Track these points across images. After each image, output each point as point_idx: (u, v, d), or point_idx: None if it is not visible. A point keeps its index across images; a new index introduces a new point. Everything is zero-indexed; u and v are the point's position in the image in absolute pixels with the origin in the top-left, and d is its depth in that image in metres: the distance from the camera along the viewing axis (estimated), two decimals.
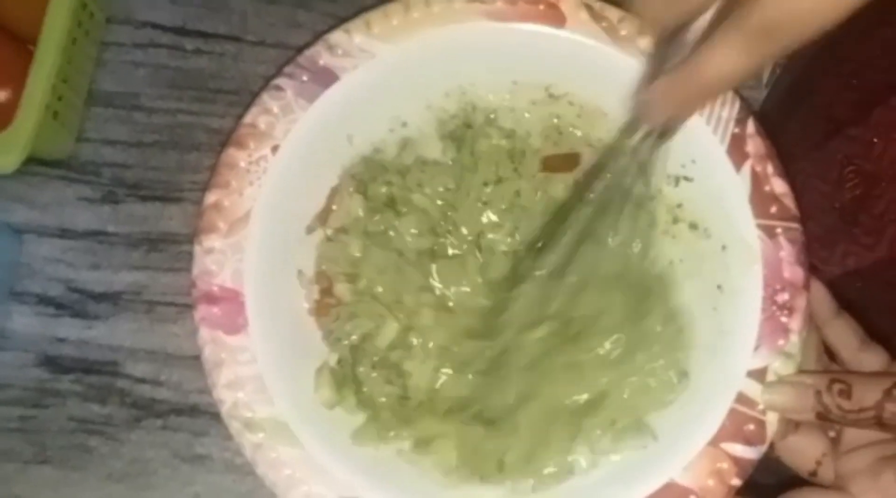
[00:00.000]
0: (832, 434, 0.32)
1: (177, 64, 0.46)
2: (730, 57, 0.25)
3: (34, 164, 0.42)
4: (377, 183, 0.36)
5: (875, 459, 0.30)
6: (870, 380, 0.29)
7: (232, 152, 0.33)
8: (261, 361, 0.31)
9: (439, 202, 0.37)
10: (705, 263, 0.34)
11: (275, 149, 0.33)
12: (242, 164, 0.33)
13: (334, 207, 0.36)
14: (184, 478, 0.41)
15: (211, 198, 0.32)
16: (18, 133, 0.37)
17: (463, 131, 0.37)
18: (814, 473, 0.31)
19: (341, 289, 0.35)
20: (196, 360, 0.41)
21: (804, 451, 0.32)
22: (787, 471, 0.33)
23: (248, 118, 0.33)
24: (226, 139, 0.34)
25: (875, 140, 0.41)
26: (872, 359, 0.32)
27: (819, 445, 0.32)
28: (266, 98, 0.33)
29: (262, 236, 0.33)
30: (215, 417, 0.41)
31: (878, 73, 0.43)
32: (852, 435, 0.31)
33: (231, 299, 0.32)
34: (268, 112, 0.33)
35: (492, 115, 0.37)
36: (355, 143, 0.36)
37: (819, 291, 0.33)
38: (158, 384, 0.42)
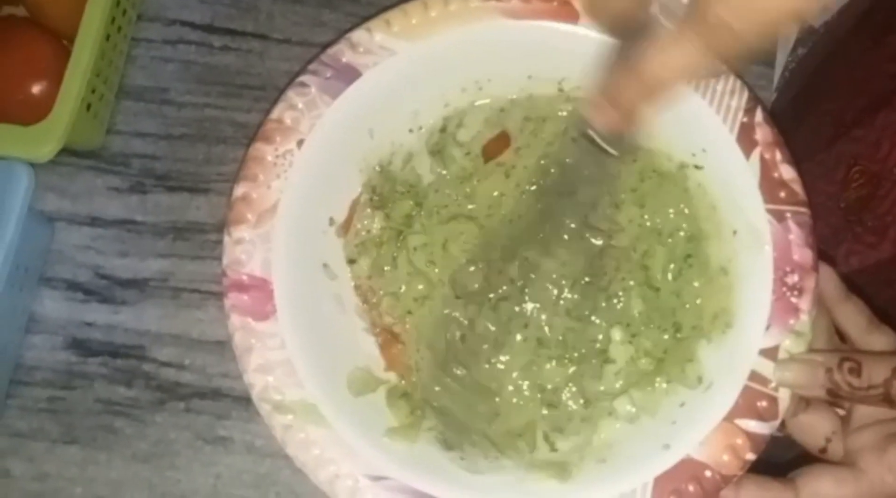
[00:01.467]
0: (842, 413, 0.33)
1: (205, 60, 0.47)
2: (681, 53, 0.26)
3: (66, 154, 0.44)
4: (396, 201, 0.38)
5: (883, 435, 0.31)
6: (879, 358, 0.30)
7: (259, 146, 0.34)
8: (289, 346, 0.32)
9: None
10: (714, 248, 0.35)
11: (300, 143, 0.34)
12: (269, 157, 0.34)
13: (358, 225, 0.38)
14: (206, 459, 0.42)
15: (240, 190, 0.34)
16: (56, 124, 0.39)
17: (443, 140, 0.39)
18: (824, 450, 0.32)
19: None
20: (219, 345, 0.44)
21: (814, 428, 0.33)
22: (798, 448, 0.34)
23: (274, 114, 0.35)
24: (252, 133, 0.35)
25: (881, 141, 0.42)
26: (881, 339, 0.33)
27: (829, 423, 0.32)
28: (291, 94, 0.35)
29: (289, 227, 0.34)
30: (237, 400, 0.43)
31: (885, 79, 0.44)
32: (861, 413, 0.32)
33: (260, 287, 0.33)
34: (293, 108, 0.34)
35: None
36: (376, 138, 0.37)
37: (828, 274, 0.34)
38: (182, 368, 0.43)
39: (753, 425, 0.31)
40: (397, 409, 0.35)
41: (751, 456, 0.31)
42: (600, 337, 0.37)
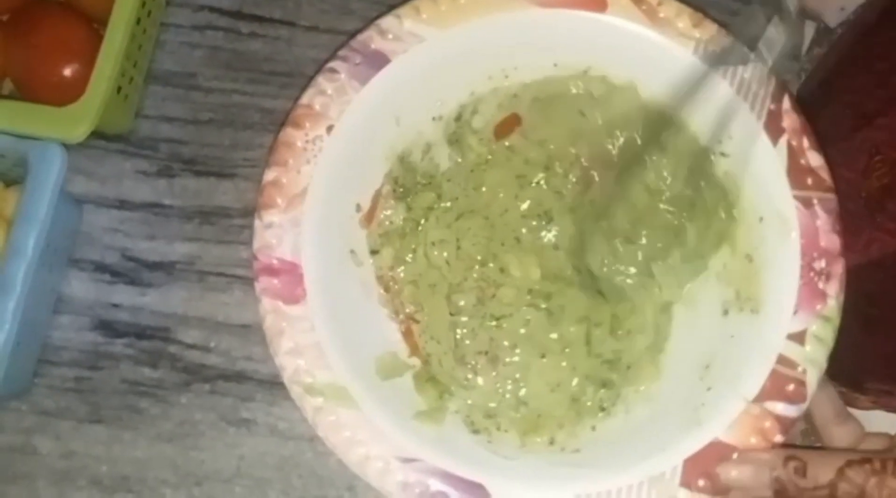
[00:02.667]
0: None
1: (232, 46, 0.48)
2: None
3: (95, 138, 0.44)
4: (418, 193, 0.38)
5: None
6: (824, 458, 0.30)
7: (289, 132, 0.35)
8: (318, 329, 0.33)
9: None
10: (740, 235, 0.36)
11: (329, 129, 0.35)
12: (299, 143, 0.34)
13: (381, 216, 0.38)
14: (229, 440, 0.42)
15: (270, 175, 0.34)
16: (89, 106, 0.39)
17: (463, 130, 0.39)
18: None
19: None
20: (244, 328, 0.44)
21: None
22: None
23: (304, 99, 0.35)
24: (278, 119, 0.36)
25: None
26: (845, 433, 0.34)
27: None
28: (321, 80, 0.35)
29: (318, 212, 0.35)
30: (261, 383, 0.43)
31: None
32: None
33: (290, 271, 0.33)
34: (323, 93, 0.35)
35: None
36: (402, 125, 0.38)
37: None
38: (208, 351, 0.44)
39: (781, 408, 0.32)
40: (425, 392, 0.35)
41: (779, 438, 0.32)
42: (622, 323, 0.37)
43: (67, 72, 0.42)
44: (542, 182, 0.39)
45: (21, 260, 0.38)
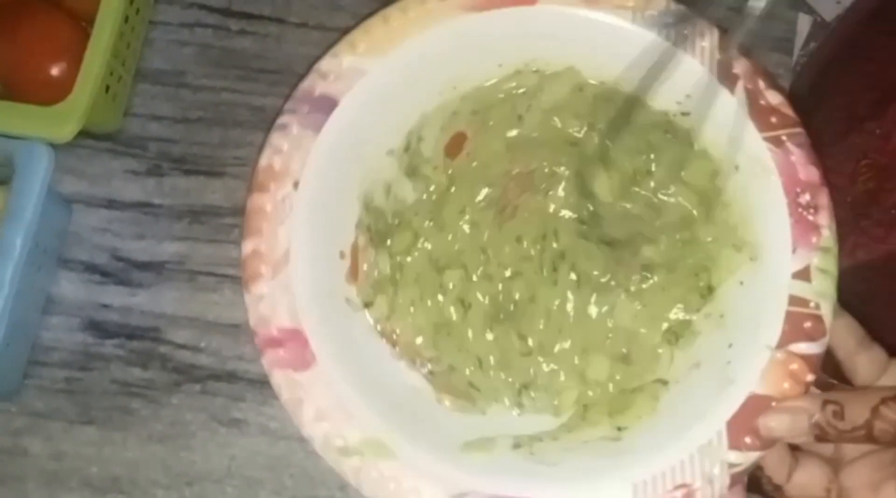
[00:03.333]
0: (828, 454, 0.33)
1: (222, 44, 0.47)
2: None
3: (84, 137, 0.44)
4: (394, 237, 0.38)
5: (874, 469, 0.31)
6: (859, 398, 0.30)
7: (256, 198, 0.33)
8: (337, 388, 0.32)
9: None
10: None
11: (296, 185, 0.34)
12: (269, 206, 0.33)
13: (364, 268, 0.37)
14: (221, 440, 0.42)
15: (248, 247, 0.33)
16: (75, 105, 0.39)
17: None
18: None
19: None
20: (234, 328, 0.44)
21: (811, 483, 0.33)
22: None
23: (262, 162, 0.34)
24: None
25: (891, 133, 0.42)
26: (869, 361, 0.33)
27: (824, 474, 0.32)
28: (275, 138, 0.34)
29: (307, 271, 0.33)
30: (252, 383, 0.43)
31: None
32: (849, 448, 0.32)
33: (294, 338, 0.32)
34: (279, 151, 0.34)
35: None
36: (364, 164, 0.37)
37: None
38: (198, 351, 0.43)
39: (804, 347, 0.32)
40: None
41: (810, 377, 0.31)
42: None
43: (55, 71, 0.42)
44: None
45: (8, 260, 0.38)
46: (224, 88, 0.47)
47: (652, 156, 0.37)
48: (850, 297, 0.34)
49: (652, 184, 0.37)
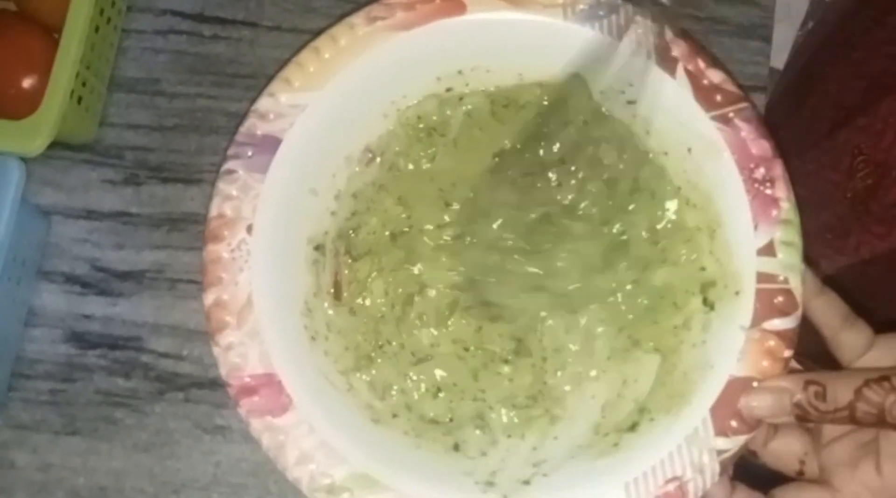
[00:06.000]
0: (811, 425, 0.33)
1: (196, 50, 0.47)
2: None
3: (60, 148, 0.44)
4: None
5: (853, 448, 0.31)
6: (841, 379, 0.30)
7: (211, 248, 0.33)
8: (318, 427, 0.32)
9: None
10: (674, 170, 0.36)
11: (249, 229, 0.34)
12: (225, 255, 0.33)
13: (346, 282, 0.37)
14: (205, 448, 0.42)
15: (209, 298, 0.33)
16: (44, 118, 0.39)
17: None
18: (800, 473, 0.32)
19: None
20: None
21: (786, 453, 0.33)
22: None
23: (213, 211, 0.34)
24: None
25: (885, 130, 0.41)
26: (854, 338, 0.33)
27: (800, 444, 0.32)
28: (222, 186, 0.34)
29: (272, 314, 0.33)
30: None
31: (885, 61, 0.43)
32: (830, 426, 0.32)
33: (267, 384, 0.32)
34: (229, 198, 0.34)
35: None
36: (320, 196, 0.37)
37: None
38: (180, 359, 0.43)
39: (779, 323, 0.32)
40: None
41: (788, 353, 0.31)
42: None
43: (25, 84, 0.42)
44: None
45: None
46: (199, 95, 0.46)
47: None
48: (855, 292, 0.34)
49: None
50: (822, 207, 0.42)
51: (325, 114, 0.35)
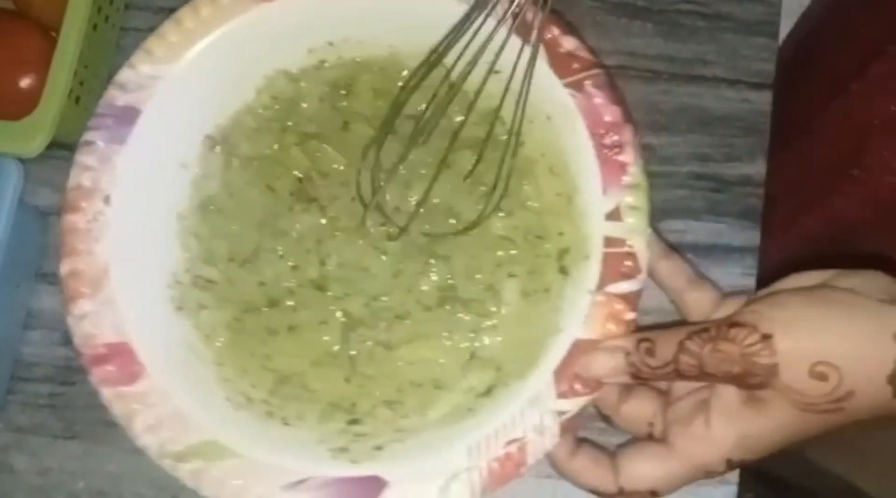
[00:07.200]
0: (664, 387, 0.33)
1: None
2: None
3: (58, 148, 0.43)
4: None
5: (692, 405, 0.31)
6: (669, 334, 0.30)
7: (68, 218, 0.34)
8: (172, 395, 0.33)
9: None
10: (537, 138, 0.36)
11: (107, 200, 0.34)
12: (82, 225, 0.34)
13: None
14: None
15: (65, 268, 0.33)
16: (42, 118, 0.38)
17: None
18: (650, 435, 0.33)
19: None
20: None
21: (637, 416, 0.33)
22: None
23: (71, 182, 0.34)
24: None
25: (874, 95, 0.41)
26: (699, 299, 0.34)
27: (649, 407, 0.33)
28: (80, 157, 0.34)
29: (128, 283, 0.34)
30: None
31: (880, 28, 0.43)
32: (678, 386, 0.33)
33: (121, 352, 0.33)
34: (87, 168, 0.34)
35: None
36: (190, 169, 0.37)
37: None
38: None
39: (625, 286, 0.32)
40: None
41: (630, 316, 0.32)
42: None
43: (23, 83, 0.41)
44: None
45: None
46: None
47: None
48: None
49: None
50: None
51: (185, 85, 0.35)
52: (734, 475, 0.39)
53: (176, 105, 0.35)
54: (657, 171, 0.43)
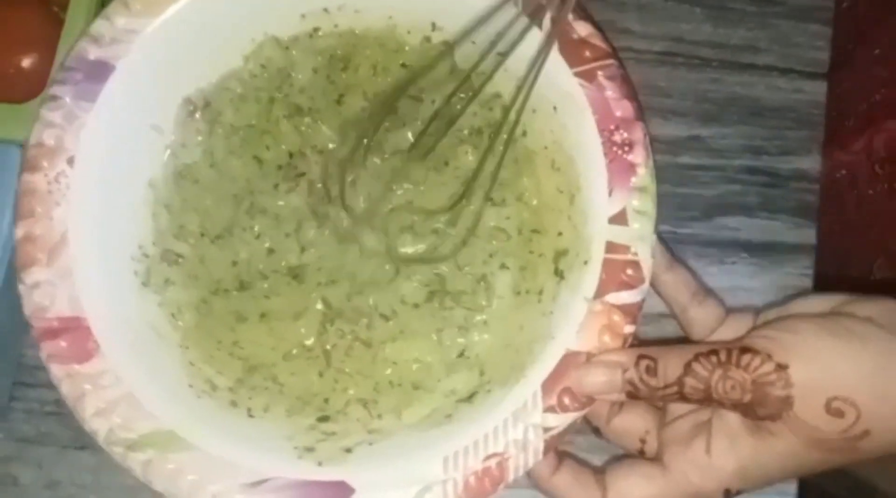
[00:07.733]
0: (660, 404, 0.32)
1: None
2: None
3: None
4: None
5: (691, 426, 0.30)
6: (673, 354, 0.28)
7: (27, 178, 0.31)
8: (126, 378, 0.30)
9: None
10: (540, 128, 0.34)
11: (71, 161, 0.31)
12: (42, 186, 0.31)
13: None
14: None
15: (20, 231, 0.31)
16: None
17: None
18: (641, 451, 0.31)
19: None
20: None
21: (629, 430, 0.32)
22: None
23: (32, 139, 0.32)
24: None
25: None
26: (703, 315, 0.32)
27: (642, 422, 0.31)
28: (45, 112, 0.32)
29: (89, 253, 0.31)
30: None
31: None
32: (675, 405, 0.31)
33: (75, 328, 0.30)
34: (51, 125, 0.31)
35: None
36: (165, 134, 0.35)
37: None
38: None
39: (625, 297, 0.30)
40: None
41: (629, 329, 0.30)
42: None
43: (25, 63, 0.39)
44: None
45: None
46: None
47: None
48: None
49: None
50: None
51: (164, 43, 0.33)
52: (791, 486, 0.37)
53: (153, 63, 0.33)
54: (708, 165, 0.42)
